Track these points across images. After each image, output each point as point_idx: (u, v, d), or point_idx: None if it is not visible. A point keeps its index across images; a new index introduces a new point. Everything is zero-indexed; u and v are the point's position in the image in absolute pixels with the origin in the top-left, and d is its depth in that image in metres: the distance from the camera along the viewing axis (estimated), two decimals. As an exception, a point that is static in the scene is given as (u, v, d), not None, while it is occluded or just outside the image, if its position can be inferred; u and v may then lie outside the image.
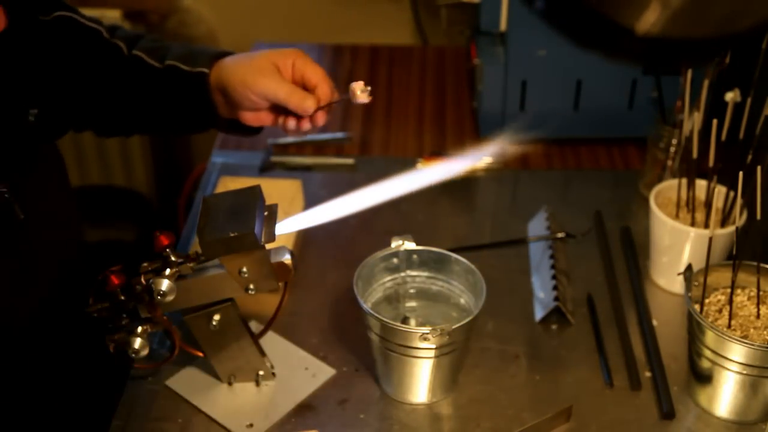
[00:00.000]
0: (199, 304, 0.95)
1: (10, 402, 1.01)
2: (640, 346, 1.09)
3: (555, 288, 1.11)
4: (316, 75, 1.01)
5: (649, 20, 0.59)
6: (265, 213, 0.92)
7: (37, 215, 0.96)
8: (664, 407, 1.00)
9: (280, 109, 1.02)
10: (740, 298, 1.00)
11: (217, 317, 0.96)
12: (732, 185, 1.08)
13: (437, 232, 1.28)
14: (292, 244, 1.22)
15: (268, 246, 0.90)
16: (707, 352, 0.96)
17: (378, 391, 1.03)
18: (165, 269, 0.91)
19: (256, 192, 0.91)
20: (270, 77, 0.99)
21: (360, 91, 0.97)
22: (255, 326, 1.07)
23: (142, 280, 0.91)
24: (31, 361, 1.03)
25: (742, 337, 0.94)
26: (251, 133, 1.08)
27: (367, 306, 0.97)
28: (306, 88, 1.00)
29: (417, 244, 1.05)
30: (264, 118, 1.03)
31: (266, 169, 1.42)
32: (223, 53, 1.06)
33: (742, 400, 0.97)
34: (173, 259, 0.92)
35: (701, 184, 1.14)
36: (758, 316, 0.98)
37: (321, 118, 1.01)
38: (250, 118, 1.03)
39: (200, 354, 1.01)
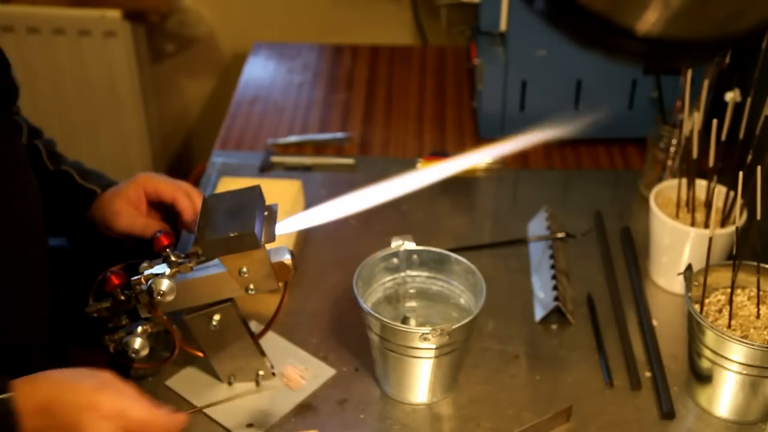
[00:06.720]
0: (199, 304, 0.95)
1: None
2: (640, 346, 1.09)
3: (555, 288, 1.11)
4: (167, 192, 1.11)
5: (649, 20, 0.59)
6: (265, 213, 0.92)
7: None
8: (664, 407, 1.00)
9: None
10: (740, 298, 1.00)
11: (217, 317, 0.96)
12: (732, 185, 1.08)
13: (437, 232, 1.28)
14: (292, 244, 1.22)
15: (268, 246, 0.90)
16: (707, 352, 0.96)
17: (378, 391, 1.03)
18: (165, 269, 0.91)
19: (256, 192, 0.91)
20: (125, 218, 1.10)
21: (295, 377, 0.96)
22: (255, 326, 1.07)
23: (142, 280, 0.91)
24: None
25: (742, 337, 0.94)
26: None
27: (367, 306, 0.97)
28: (166, 204, 1.11)
29: (417, 244, 1.05)
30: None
31: (266, 169, 1.42)
32: (108, 184, 1.16)
33: (742, 400, 0.97)
34: (173, 259, 0.92)
35: (701, 184, 1.14)
36: (758, 316, 0.98)
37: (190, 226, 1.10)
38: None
39: (200, 354, 1.01)
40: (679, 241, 1.12)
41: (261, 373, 1.03)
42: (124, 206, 1.10)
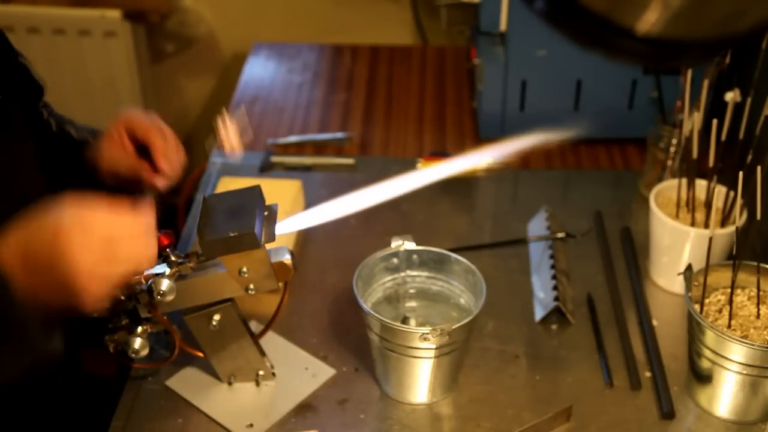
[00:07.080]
0: (199, 304, 0.95)
1: (10, 402, 1.01)
2: (640, 346, 1.09)
3: (555, 288, 1.11)
4: (141, 130, 1.10)
5: (649, 20, 0.59)
6: (265, 213, 0.92)
7: None
8: (664, 407, 1.00)
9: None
10: (740, 298, 1.00)
11: (217, 317, 0.96)
12: (732, 185, 1.08)
13: (437, 232, 1.28)
14: (292, 244, 1.22)
15: (268, 246, 0.90)
16: (707, 352, 0.96)
17: (378, 391, 1.03)
18: (165, 269, 0.91)
19: (256, 192, 0.91)
20: (107, 158, 1.09)
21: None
22: (255, 326, 1.07)
23: (142, 280, 0.91)
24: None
25: (742, 337, 0.94)
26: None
27: (367, 306, 0.97)
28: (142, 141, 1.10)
29: (417, 244, 1.05)
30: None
31: (266, 169, 1.42)
32: (95, 133, 1.16)
33: (742, 400, 0.97)
34: (173, 259, 0.92)
35: (701, 184, 1.14)
36: (758, 316, 0.98)
37: (165, 169, 1.08)
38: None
39: (200, 354, 1.01)
40: (679, 241, 1.12)
41: (261, 373, 1.03)
42: (107, 147, 1.10)
